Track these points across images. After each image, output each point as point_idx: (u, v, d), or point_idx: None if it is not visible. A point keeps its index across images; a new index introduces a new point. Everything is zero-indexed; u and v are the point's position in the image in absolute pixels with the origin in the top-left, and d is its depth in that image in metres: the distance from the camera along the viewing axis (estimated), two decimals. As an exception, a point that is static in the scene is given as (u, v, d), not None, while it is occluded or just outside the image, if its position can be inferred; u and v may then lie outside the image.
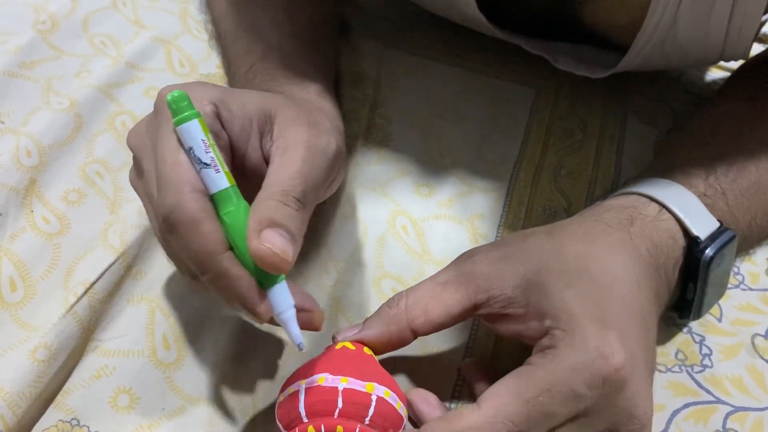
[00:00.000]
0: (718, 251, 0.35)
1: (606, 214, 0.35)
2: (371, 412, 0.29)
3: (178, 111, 0.29)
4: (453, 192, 0.45)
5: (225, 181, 0.29)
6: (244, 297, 0.28)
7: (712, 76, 0.55)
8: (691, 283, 0.35)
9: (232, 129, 0.31)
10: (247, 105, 0.32)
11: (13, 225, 0.39)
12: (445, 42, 0.54)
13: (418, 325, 0.32)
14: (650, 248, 0.34)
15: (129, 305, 0.37)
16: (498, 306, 0.32)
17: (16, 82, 0.45)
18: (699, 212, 0.36)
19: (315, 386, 0.30)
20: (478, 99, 0.50)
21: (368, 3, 0.57)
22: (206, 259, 0.28)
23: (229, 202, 0.29)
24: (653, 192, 0.36)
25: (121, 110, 0.45)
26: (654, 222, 0.35)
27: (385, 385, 0.30)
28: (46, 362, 0.33)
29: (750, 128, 0.41)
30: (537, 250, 0.33)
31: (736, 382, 0.37)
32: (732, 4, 0.38)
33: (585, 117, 0.50)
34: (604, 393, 0.29)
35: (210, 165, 0.29)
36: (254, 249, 0.27)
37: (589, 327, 0.29)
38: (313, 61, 0.43)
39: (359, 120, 0.47)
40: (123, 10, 0.52)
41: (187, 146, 0.29)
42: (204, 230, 0.28)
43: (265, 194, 0.29)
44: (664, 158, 0.42)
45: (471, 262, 0.33)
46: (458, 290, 0.32)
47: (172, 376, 0.35)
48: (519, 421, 0.28)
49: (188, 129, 0.29)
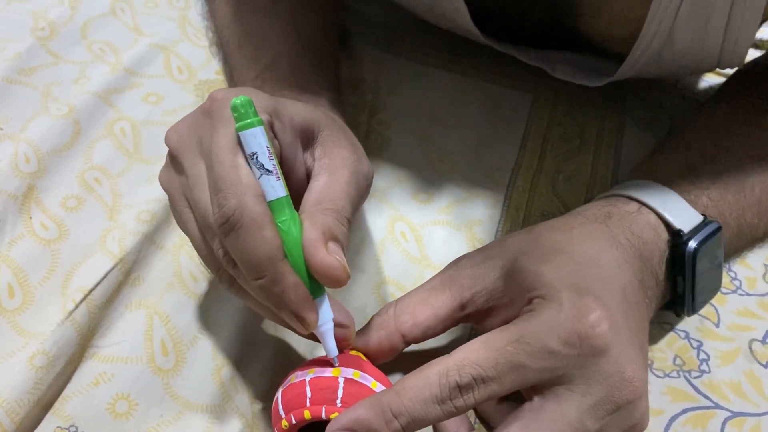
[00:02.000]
0: (702, 242, 0.35)
1: (584, 210, 0.37)
2: (340, 393, 0.30)
3: (244, 116, 0.29)
4: (451, 198, 0.45)
5: (283, 190, 0.29)
6: (298, 305, 0.29)
7: (708, 81, 0.56)
8: (679, 277, 0.36)
9: (283, 140, 0.31)
10: (295, 117, 0.32)
11: (11, 231, 0.39)
12: (443, 48, 0.54)
13: (407, 329, 0.33)
14: (630, 237, 0.34)
15: (127, 311, 0.37)
16: (482, 301, 0.33)
17: (15, 89, 0.45)
18: (679, 207, 0.36)
19: (288, 385, 0.31)
20: (476, 105, 0.51)
21: (367, 10, 0.57)
22: (266, 263, 0.28)
23: (283, 211, 0.29)
24: (631, 192, 0.37)
25: (120, 116, 0.45)
26: (633, 216, 0.36)
27: (360, 370, 0.31)
28: (45, 369, 0.33)
29: (727, 131, 0.42)
30: (514, 244, 0.34)
31: (734, 388, 0.37)
32: (728, 15, 0.38)
33: (582, 123, 0.50)
34: (583, 354, 0.28)
35: (272, 172, 0.29)
36: (321, 259, 0.28)
37: (565, 292, 0.30)
38: (322, 70, 0.43)
39: (358, 126, 0.47)
40: (122, 16, 0.52)
41: (250, 152, 0.29)
42: (267, 235, 0.28)
43: (320, 208, 0.30)
44: (647, 163, 0.42)
45: (456, 267, 0.35)
46: (443, 292, 0.34)
47: (170, 383, 0.35)
48: (486, 366, 0.28)
49: (254, 135, 0.29)
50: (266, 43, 0.43)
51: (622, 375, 0.29)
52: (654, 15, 0.39)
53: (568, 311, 0.29)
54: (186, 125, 0.32)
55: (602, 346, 0.29)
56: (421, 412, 0.28)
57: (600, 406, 0.29)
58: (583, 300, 0.29)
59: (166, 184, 0.33)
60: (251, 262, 0.28)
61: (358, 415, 0.27)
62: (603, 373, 0.29)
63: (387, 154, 0.47)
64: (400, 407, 0.27)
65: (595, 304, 0.29)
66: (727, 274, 0.42)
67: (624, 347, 0.29)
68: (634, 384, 0.29)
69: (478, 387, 0.28)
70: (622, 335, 0.30)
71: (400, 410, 0.27)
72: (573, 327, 0.28)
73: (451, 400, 0.28)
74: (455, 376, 0.28)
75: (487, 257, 0.34)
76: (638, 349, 0.31)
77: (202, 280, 0.38)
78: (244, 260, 0.28)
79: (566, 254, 0.32)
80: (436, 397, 0.28)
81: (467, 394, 0.28)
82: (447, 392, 0.28)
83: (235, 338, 0.36)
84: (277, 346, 0.37)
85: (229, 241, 0.28)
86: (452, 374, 0.28)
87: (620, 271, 0.33)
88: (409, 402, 0.28)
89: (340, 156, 0.32)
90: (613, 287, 0.32)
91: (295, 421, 0.30)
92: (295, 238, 0.29)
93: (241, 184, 0.28)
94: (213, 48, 0.51)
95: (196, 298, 0.38)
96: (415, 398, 0.28)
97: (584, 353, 0.28)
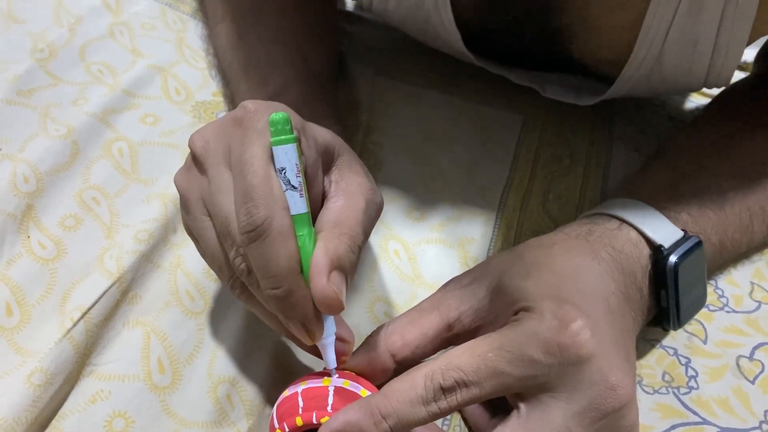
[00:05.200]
0: (683, 256, 0.36)
1: (566, 228, 0.38)
2: (331, 400, 0.30)
3: (280, 132, 0.30)
4: (444, 216, 0.46)
5: (304, 207, 0.30)
6: (308, 317, 0.30)
7: (695, 102, 0.57)
8: (663, 291, 0.36)
9: (308, 157, 0.32)
10: (318, 138, 0.32)
11: (9, 250, 0.39)
12: (436, 70, 0.55)
13: (396, 349, 0.34)
14: (611, 252, 0.35)
15: (124, 329, 0.37)
16: (469, 320, 0.34)
17: (14, 110, 0.46)
18: (660, 223, 0.37)
19: (281, 399, 0.32)
20: (468, 125, 0.52)
21: (362, 32, 0.58)
22: (286, 274, 0.29)
23: (302, 226, 0.30)
24: (611, 210, 0.38)
25: (118, 137, 0.46)
26: (613, 232, 0.36)
27: (350, 380, 0.32)
28: (42, 387, 0.34)
29: (710, 151, 0.43)
30: (498, 264, 0.35)
31: (722, 403, 0.38)
32: (715, 39, 0.39)
33: (572, 143, 0.51)
34: (564, 362, 0.29)
35: (297, 189, 0.30)
36: (321, 287, 0.29)
37: (546, 302, 0.31)
38: (328, 101, 0.44)
39: (353, 146, 0.47)
40: (120, 39, 0.53)
41: (280, 166, 0.30)
42: (291, 247, 0.29)
43: (336, 233, 0.30)
44: (629, 182, 0.43)
45: (445, 289, 0.36)
46: (432, 313, 0.35)
47: (166, 400, 0.35)
48: (468, 371, 0.29)
49: (286, 151, 0.30)
50: (274, 70, 0.43)
51: (606, 382, 0.29)
52: (643, 40, 0.40)
53: (549, 321, 0.30)
54: (213, 132, 0.32)
55: (585, 354, 0.29)
56: (408, 413, 0.28)
57: (585, 414, 0.29)
58: (564, 309, 0.30)
59: (183, 187, 0.33)
60: (271, 272, 0.29)
61: (349, 417, 0.28)
62: (587, 380, 0.29)
63: (381, 174, 0.47)
64: (388, 408, 0.28)
65: (575, 312, 0.30)
66: (714, 292, 0.43)
67: (608, 355, 0.30)
68: (619, 391, 0.29)
69: (461, 390, 0.29)
70: (605, 343, 0.30)
71: (388, 411, 0.28)
72: (553, 336, 0.29)
73: (435, 402, 0.29)
74: (439, 379, 0.29)
75: (474, 278, 0.35)
76: (623, 357, 0.31)
77: (199, 299, 0.39)
78: (264, 270, 0.29)
79: (548, 268, 0.33)
80: (422, 398, 0.29)
81: (450, 396, 0.29)
82: (432, 394, 0.29)
83: (231, 356, 0.37)
84: (273, 363, 0.37)
85: (252, 249, 0.29)
86: (437, 377, 0.29)
87: (602, 282, 0.34)
88: (396, 403, 0.28)
89: (356, 182, 0.33)
90: (595, 297, 0.32)
91: (288, 428, 0.30)
92: (309, 254, 0.30)
93: (272, 196, 0.29)
94: (212, 71, 0.51)
95: (193, 316, 0.38)
96: (403, 399, 0.28)
97: (565, 362, 0.29)
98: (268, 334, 0.38)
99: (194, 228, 0.33)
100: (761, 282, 0.44)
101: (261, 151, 0.30)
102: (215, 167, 0.31)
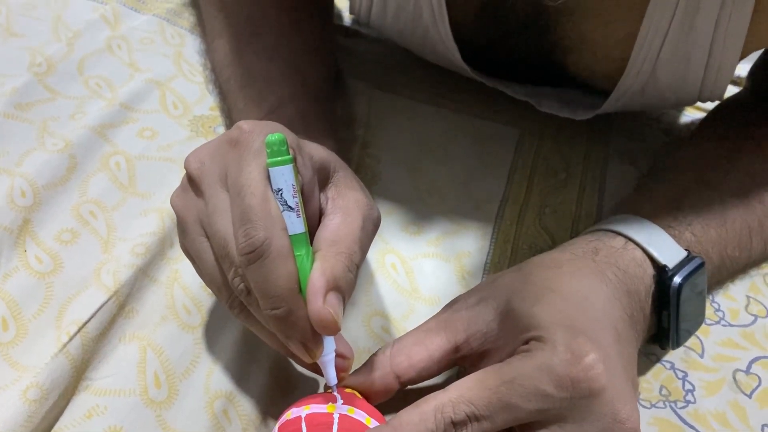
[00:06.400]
0: (686, 278, 0.36)
1: (571, 246, 0.37)
2: (335, 428, 0.30)
3: (276, 153, 0.30)
4: (440, 230, 0.46)
5: (302, 227, 0.30)
6: (308, 336, 0.30)
7: (690, 116, 0.57)
8: (665, 312, 0.36)
9: (304, 175, 0.32)
10: (314, 156, 0.32)
11: (6, 264, 0.39)
12: (432, 84, 0.56)
13: (402, 370, 0.33)
14: (617, 273, 0.35)
15: (121, 344, 0.37)
16: (477, 343, 0.33)
17: (11, 124, 0.46)
18: (665, 242, 0.37)
19: (284, 422, 0.31)
20: (465, 139, 0.52)
21: (359, 47, 0.59)
22: (285, 294, 0.29)
23: (300, 246, 0.30)
24: (617, 227, 0.38)
25: (115, 151, 0.46)
26: (619, 252, 0.36)
27: (355, 406, 0.31)
28: (38, 402, 0.34)
29: (709, 166, 0.43)
30: (506, 285, 0.35)
31: (719, 418, 0.38)
32: (708, 54, 0.40)
33: (568, 157, 0.52)
34: (576, 396, 0.29)
35: (294, 209, 0.30)
36: (317, 309, 0.29)
37: (559, 333, 0.30)
38: (324, 117, 0.44)
39: (349, 160, 0.48)
40: (118, 53, 0.53)
41: (276, 187, 0.30)
42: (290, 267, 0.29)
43: (333, 251, 0.30)
44: (631, 197, 0.43)
45: (451, 310, 0.35)
46: (439, 335, 0.34)
47: (163, 415, 0.35)
48: (480, 405, 0.29)
49: (282, 172, 0.30)
50: (271, 87, 0.43)
51: (615, 416, 0.29)
52: (637, 55, 0.41)
53: (562, 354, 0.29)
54: (209, 152, 0.32)
55: (597, 388, 0.29)
56: None
57: None
58: (577, 341, 0.30)
59: (180, 209, 0.33)
60: (270, 293, 0.29)
61: None
62: (596, 413, 0.29)
63: (377, 187, 0.48)
64: None
65: (589, 346, 0.30)
66: (711, 306, 0.43)
67: (618, 388, 0.30)
68: (627, 425, 0.30)
69: (472, 424, 0.28)
70: (616, 376, 0.30)
71: None
72: (566, 370, 0.29)
73: None
74: (450, 413, 0.28)
75: (481, 299, 0.35)
76: (630, 388, 0.31)
77: (195, 313, 0.39)
78: (264, 290, 0.29)
79: (557, 293, 0.33)
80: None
81: (461, 430, 0.28)
82: (442, 428, 0.28)
83: (227, 370, 0.37)
84: (270, 378, 0.37)
85: (251, 271, 0.29)
86: (447, 410, 0.28)
87: (611, 307, 0.33)
88: None
89: (354, 198, 0.33)
90: (605, 325, 0.32)
91: None
92: (308, 274, 0.30)
93: (270, 217, 0.29)
94: (210, 85, 0.52)
95: (190, 331, 0.38)
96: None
97: (577, 396, 0.29)
98: (265, 349, 0.37)
99: (192, 249, 0.33)
100: (757, 296, 0.44)
101: (258, 173, 0.30)
102: (212, 188, 0.31)
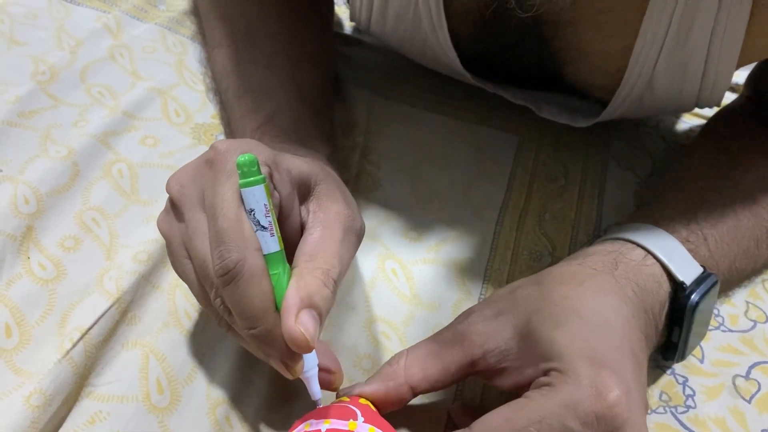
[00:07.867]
0: (703, 296, 0.36)
1: (590, 258, 0.37)
2: None
3: (247, 174, 0.30)
4: (441, 236, 0.46)
5: (276, 245, 0.30)
6: (285, 354, 0.30)
7: (688, 123, 0.57)
8: (676, 327, 0.36)
9: (282, 191, 0.32)
10: (293, 170, 0.33)
11: (9, 271, 0.39)
12: (432, 91, 0.56)
13: (417, 382, 0.33)
14: (636, 290, 0.35)
15: (123, 350, 0.37)
16: (494, 360, 0.33)
17: (14, 131, 0.46)
18: (683, 258, 0.37)
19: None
20: (465, 146, 0.52)
21: (359, 54, 0.59)
22: (261, 314, 0.29)
23: (276, 264, 0.30)
24: (637, 238, 0.37)
25: (118, 158, 0.46)
26: (639, 266, 0.36)
27: (375, 425, 0.31)
28: (41, 408, 0.34)
29: (724, 176, 0.43)
30: (526, 300, 0.34)
31: (719, 423, 0.38)
32: (704, 63, 0.40)
33: (567, 163, 0.52)
34: (600, 431, 0.29)
35: (267, 229, 0.30)
36: (289, 329, 0.29)
37: (583, 365, 0.30)
38: (321, 125, 0.44)
39: (350, 166, 0.49)
40: (120, 61, 0.53)
41: (249, 208, 0.30)
42: (264, 288, 0.29)
43: (309, 267, 0.30)
44: (647, 205, 0.43)
45: (467, 322, 0.35)
46: (455, 348, 0.34)
47: (165, 421, 0.35)
48: None
49: (253, 192, 0.30)
50: (267, 96, 0.44)
51: None
52: (634, 66, 0.41)
53: (586, 389, 0.29)
54: (188, 175, 0.33)
55: (619, 423, 0.29)
56: None
57: None
58: (601, 377, 0.30)
59: (165, 231, 0.34)
60: (246, 313, 0.29)
61: None
62: None
63: (377, 194, 0.48)
64: None
65: (613, 381, 0.30)
66: (710, 311, 0.43)
67: (636, 419, 0.30)
68: None
69: None
70: (636, 408, 0.30)
71: None
72: (591, 407, 0.29)
73: None
74: None
75: (499, 312, 0.34)
76: (644, 413, 0.31)
77: (198, 320, 0.39)
78: (240, 311, 0.29)
79: (579, 317, 0.32)
80: None
81: None
82: None
83: (230, 376, 0.37)
84: (272, 384, 0.37)
85: (226, 292, 0.29)
86: None
87: (630, 330, 0.33)
88: None
89: (334, 211, 0.33)
90: (625, 354, 0.32)
91: None
92: (284, 292, 0.30)
93: (243, 239, 0.29)
94: (210, 94, 0.52)
95: (192, 337, 0.38)
96: None
97: (601, 430, 0.29)
98: (267, 355, 0.38)
99: (179, 271, 0.33)
100: (756, 301, 0.44)
101: (231, 194, 0.30)
102: (191, 212, 0.32)
